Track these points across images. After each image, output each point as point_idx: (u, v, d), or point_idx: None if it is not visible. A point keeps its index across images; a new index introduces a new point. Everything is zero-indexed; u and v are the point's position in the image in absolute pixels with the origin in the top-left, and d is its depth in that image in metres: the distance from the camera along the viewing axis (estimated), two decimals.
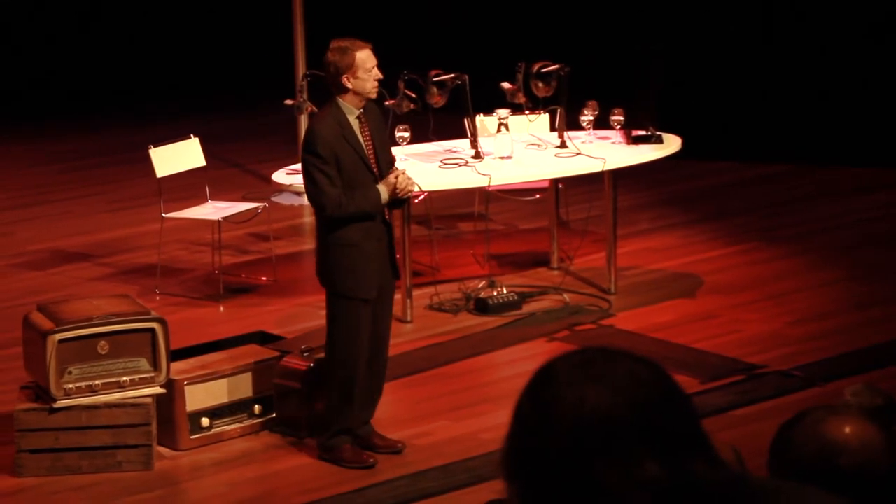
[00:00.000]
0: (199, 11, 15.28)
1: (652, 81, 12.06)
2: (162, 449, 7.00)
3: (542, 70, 8.95)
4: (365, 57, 6.71)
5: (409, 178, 6.81)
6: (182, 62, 15.00)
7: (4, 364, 7.92)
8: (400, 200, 6.91)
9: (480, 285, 8.96)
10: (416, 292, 8.73)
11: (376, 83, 6.75)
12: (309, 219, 10.20)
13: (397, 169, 6.86)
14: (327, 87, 6.84)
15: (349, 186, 6.66)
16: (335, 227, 6.72)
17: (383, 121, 7.04)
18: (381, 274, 6.78)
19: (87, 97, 14.54)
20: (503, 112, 8.81)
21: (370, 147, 6.76)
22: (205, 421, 7.08)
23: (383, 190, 6.72)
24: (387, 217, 6.85)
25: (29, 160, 12.79)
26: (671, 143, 9.07)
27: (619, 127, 9.06)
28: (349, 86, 6.69)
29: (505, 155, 8.71)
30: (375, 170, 6.76)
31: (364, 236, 6.71)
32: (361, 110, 6.76)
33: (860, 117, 11.84)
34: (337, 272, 6.74)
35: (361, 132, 6.76)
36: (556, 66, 8.92)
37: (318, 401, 7.02)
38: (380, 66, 6.81)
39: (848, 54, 11.94)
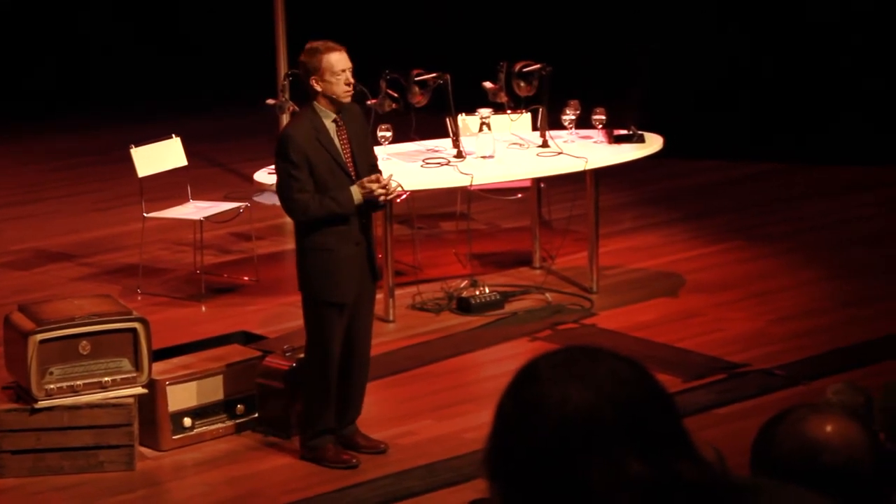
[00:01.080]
0: (182, 11, 15.25)
1: (637, 80, 12.08)
2: (144, 449, 6.99)
3: (524, 69, 8.95)
4: (334, 60, 6.59)
5: (393, 186, 6.74)
6: (164, 62, 14.98)
7: None
8: (379, 204, 6.82)
9: (463, 285, 8.96)
10: (398, 292, 8.72)
11: (348, 87, 6.62)
12: (295, 226, 10.18)
13: (381, 174, 6.79)
14: (305, 88, 6.81)
15: (324, 190, 6.61)
16: (309, 231, 6.70)
17: (365, 124, 6.95)
18: (358, 278, 6.72)
19: (72, 97, 14.52)
20: (485, 111, 8.81)
21: (347, 151, 6.70)
22: (187, 421, 7.06)
23: (356, 191, 6.64)
24: (364, 225, 6.75)
25: (13, 160, 12.76)
26: (653, 143, 9.08)
27: (600, 126, 9.06)
28: (318, 88, 6.62)
29: (487, 154, 8.71)
30: (353, 173, 6.71)
31: (340, 240, 6.66)
32: (339, 114, 6.69)
33: (847, 116, 11.85)
34: (312, 277, 6.71)
35: (339, 135, 6.69)
36: (538, 66, 8.92)
37: (301, 400, 7.01)
38: (360, 67, 6.76)
39: (836, 52, 11.96)
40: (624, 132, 9.07)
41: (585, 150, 8.84)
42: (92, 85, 14.74)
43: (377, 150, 8.61)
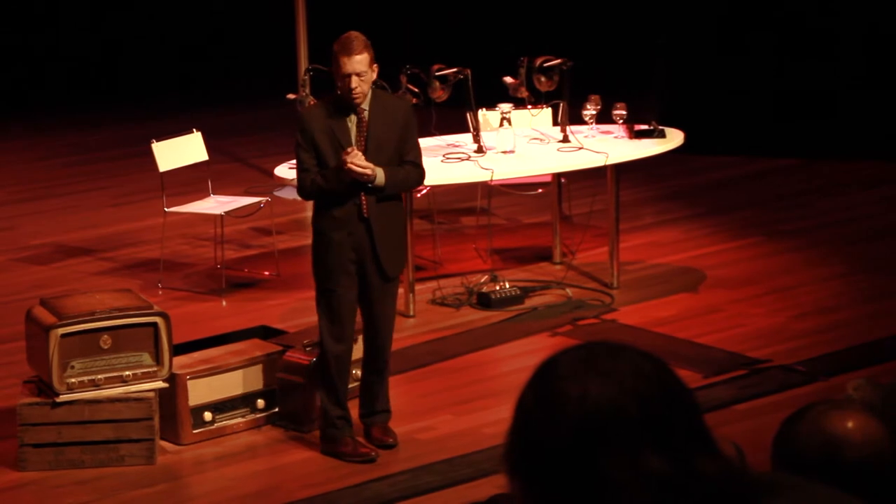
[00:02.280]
0: (203, 5, 15.27)
1: (657, 75, 12.06)
2: (164, 443, 7.01)
3: (545, 64, 8.94)
4: (340, 63, 6.60)
5: (360, 162, 6.59)
6: (185, 56, 15.00)
7: (7, 358, 7.93)
8: (363, 182, 6.65)
9: (483, 280, 8.96)
10: (418, 287, 8.73)
11: (352, 91, 6.60)
12: (311, 213, 10.19)
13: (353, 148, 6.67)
14: (326, 83, 6.81)
15: None
16: (314, 214, 6.84)
17: (401, 120, 6.78)
18: (349, 269, 6.71)
19: (91, 91, 14.55)
20: (506, 106, 8.80)
21: (361, 145, 6.68)
22: (207, 415, 7.08)
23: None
24: (364, 213, 6.70)
25: (33, 154, 12.79)
26: (673, 138, 9.07)
27: (621, 121, 9.05)
28: (337, 83, 6.70)
29: (507, 149, 8.71)
30: None
31: (332, 226, 6.72)
32: (363, 107, 6.69)
33: (866, 111, 11.82)
34: (313, 260, 6.85)
35: (358, 128, 6.71)
36: (559, 61, 8.91)
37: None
38: (380, 61, 6.76)
39: (853, 48, 11.92)
40: (645, 127, 9.05)
41: (606, 145, 8.84)
42: (113, 80, 14.77)
43: None
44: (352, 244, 6.71)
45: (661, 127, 9.07)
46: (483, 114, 9.14)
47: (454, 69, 8.74)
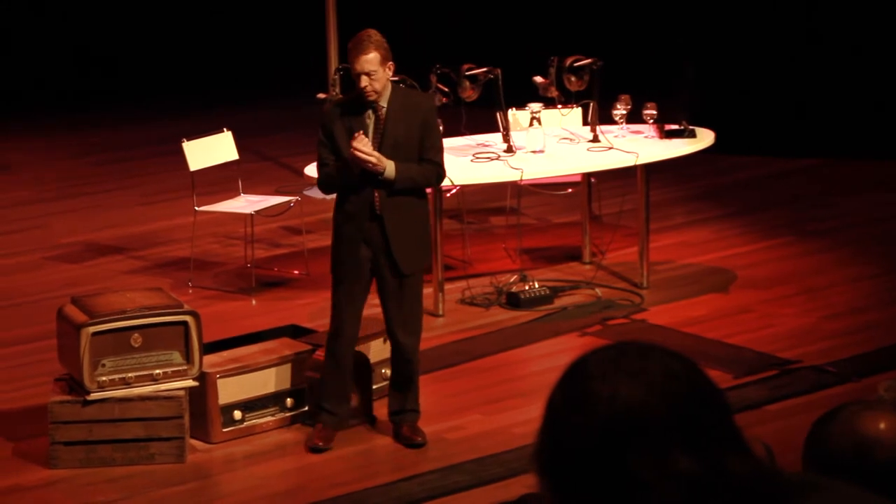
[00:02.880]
0: (234, 3, 15.31)
1: (684, 75, 12.03)
2: (194, 442, 7.03)
3: (575, 64, 8.93)
4: (351, 62, 6.69)
5: (364, 148, 6.58)
6: (216, 55, 15.04)
7: (39, 356, 7.97)
8: (373, 172, 6.66)
9: (512, 279, 8.95)
10: (447, 286, 8.73)
11: (364, 89, 6.64)
12: None
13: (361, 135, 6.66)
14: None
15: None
16: (334, 208, 6.92)
17: (421, 119, 6.77)
18: (360, 263, 6.78)
19: (122, 89, 14.60)
20: (535, 106, 8.79)
21: (377, 142, 6.70)
22: (237, 414, 7.09)
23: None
24: (377, 209, 6.73)
25: (64, 153, 12.85)
26: (704, 138, 9.05)
27: (651, 121, 9.04)
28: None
29: (537, 149, 8.70)
30: None
31: (345, 219, 6.81)
32: (384, 106, 6.71)
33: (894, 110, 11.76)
34: (331, 253, 6.95)
35: (375, 125, 6.74)
36: (589, 61, 8.90)
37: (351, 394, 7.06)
38: (410, 61, 6.80)
39: (885, 47, 11.87)
40: (675, 127, 9.04)
41: (636, 144, 8.82)
42: (145, 78, 14.82)
43: None
44: (363, 239, 6.77)
45: (691, 127, 9.05)
46: (513, 113, 9.13)
47: (484, 69, 8.74)
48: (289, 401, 7.21)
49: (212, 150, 9.49)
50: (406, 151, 6.75)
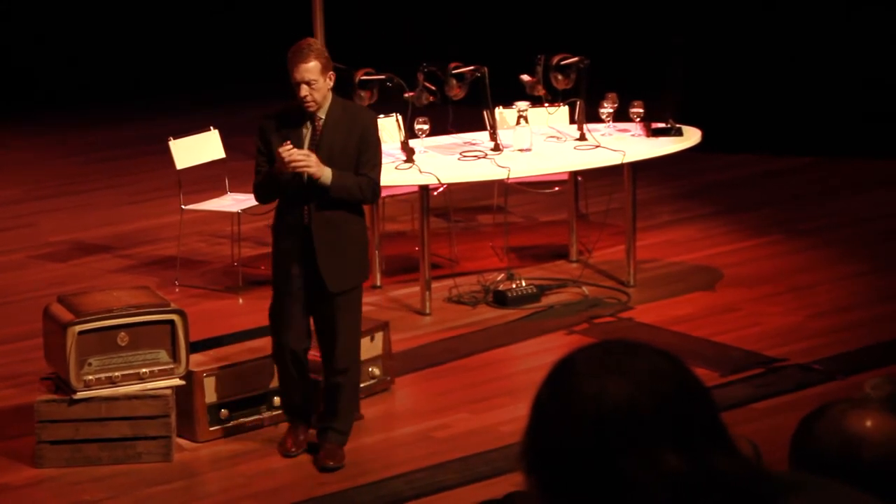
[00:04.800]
0: (220, 2, 15.29)
1: (674, 74, 12.04)
2: (181, 440, 7.02)
3: (562, 62, 8.94)
4: (291, 71, 6.52)
5: (293, 154, 6.44)
6: (203, 54, 15.02)
7: (25, 355, 7.95)
8: (306, 187, 6.56)
9: (499, 278, 8.95)
10: (434, 285, 8.73)
11: (304, 99, 6.50)
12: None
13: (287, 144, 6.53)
14: (343, 81, 6.78)
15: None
16: (273, 219, 6.87)
17: (358, 131, 6.59)
18: (294, 277, 6.66)
19: (108, 89, 14.58)
20: (522, 104, 8.79)
21: (312, 152, 6.53)
22: (224, 413, 7.09)
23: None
24: (306, 224, 6.59)
25: (52, 152, 12.83)
26: (691, 136, 9.05)
27: (638, 119, 9.04)
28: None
29: (524, 147, 8.71)
30: (305, 176, 6.57)
31: (281, 233, 6.75)
32: (322, 117, 6.56)
33: (885, 109, 11.78)
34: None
35: (312, 136, 6.59)
36: (576, 59, 8.91)
37: None
38: (397, 59, 6.77)
39: (872, 47, 11.89)
40: (662, 125, 9.04)
41: (623, 143, 8.83)
42: (129, 77, 14.79)
43: (414, 143, 8.64)
44: (296, 254, 6.67)
45: (678, 125, 9.06)
46: (500, 112, 9.14)
47: (471, 67, 8.74)
48: (275, 399, 7.20)
49: (198, 149, 9.48)
50: (340, 165, 6.57)
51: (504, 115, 9.15)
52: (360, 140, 6.61)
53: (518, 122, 8.76)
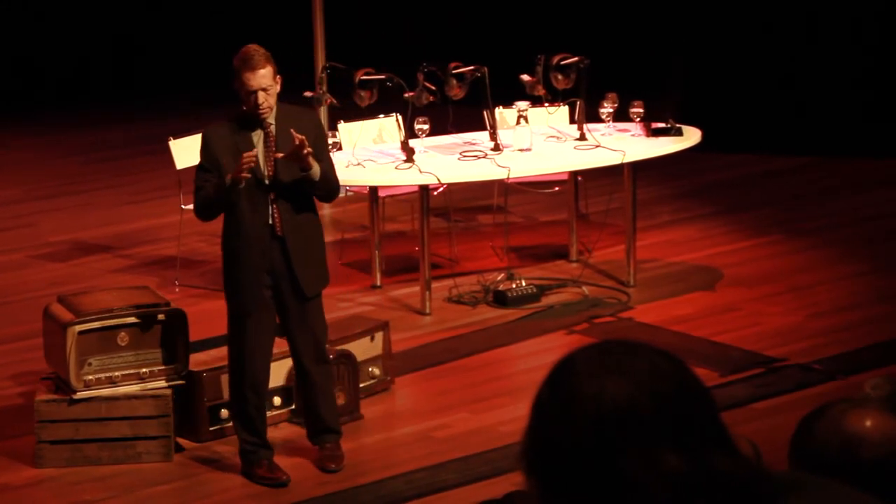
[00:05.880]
0: (219, 2, 15.29)
1: (675, 74, 12.04)
2: (181, 440, 7.02)
3: (562, 62, 8.94)
4: (244, 80, 6.43)
5: (250, 158, 6.29)
6: (202, 53, 15.01)
7: (25, 355, 7.95)
8: (265, 195, 6.42)
9: (499, 278, 8.95)
10: (434, 285, 8.73)
11: (259, 106, 6.39)
12: (327, 210, 10.21)
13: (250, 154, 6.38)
14: (343, 81, 6.74)
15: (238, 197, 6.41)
16: (223, 233, 6.59)
17: (309, 135, 6.40)
18: (264, 292, 6.47)
19: (108, 89, 14.57)
20: (522, 104, 8.79)
21: (271, 161, 6.43)
22: (224, 412, 7.08)
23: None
24: (277, 231, 6.44)
25: (52, 152, 12.82)
26: (691, 136, 9.05)
27: (638, 119, 9.04)
28: (242, 99, 6.48)
29: (524, 147, 8.71)
30: (267, 183, 6.46)
31: (244, 246, 6.46)
32: (272, 123, 6.46)
33: (885, 109, 11.78)
34: (224, 284, 6.64)
35: (265, 144, 6.46)
36: (576, 59, 8.91)
37: (339, 392, 7.05)
38: (397, 59, 6.73)
39: (872, 45, 11.89)
40: (662, 125, 9.04)
41: (623, 143, 8.83)
42: (129, 77, 14.79)
43: (414, 142, 8.65)
44: (265, 266, 6.47)
45: (678, 125, 9.06)
46: (500, 112, 9.14)
47: (471, 67, 8.74)
48: (276, 399, 7.20)
49: (199, 149, 9.45)
50: (297, 169, 6.45)
51: (504, 115, 9.15)
52: (315, 139, 6.50)
53: (518, 122, 8.76)
